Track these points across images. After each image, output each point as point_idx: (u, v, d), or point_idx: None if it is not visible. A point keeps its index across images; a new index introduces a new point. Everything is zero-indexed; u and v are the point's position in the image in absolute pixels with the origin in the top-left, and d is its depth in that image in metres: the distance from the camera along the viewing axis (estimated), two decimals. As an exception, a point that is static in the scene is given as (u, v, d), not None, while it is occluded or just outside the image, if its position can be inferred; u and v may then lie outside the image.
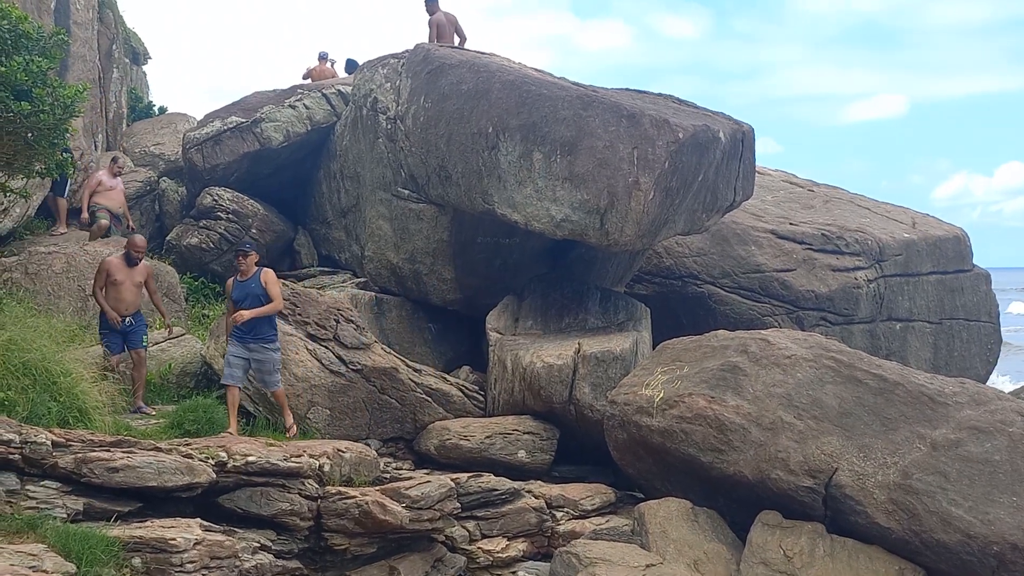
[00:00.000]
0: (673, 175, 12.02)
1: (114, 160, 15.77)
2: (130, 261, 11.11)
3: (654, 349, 11.80)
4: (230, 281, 10.83)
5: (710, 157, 12.57)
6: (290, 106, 17.03)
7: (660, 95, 14.16)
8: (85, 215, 15.03)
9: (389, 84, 15.14)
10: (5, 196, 10.24)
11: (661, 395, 10.21)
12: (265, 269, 10.78)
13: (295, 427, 10.70)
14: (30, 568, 6.35)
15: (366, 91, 15.71)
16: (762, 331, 11.10)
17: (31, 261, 13.17)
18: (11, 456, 7.69)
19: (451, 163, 13.17)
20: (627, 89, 14.09)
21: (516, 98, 12.50)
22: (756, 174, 14.58)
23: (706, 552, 9.38)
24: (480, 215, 13.17)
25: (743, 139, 13.53)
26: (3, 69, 8.47)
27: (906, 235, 17.00)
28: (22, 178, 10.17)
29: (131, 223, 15.77)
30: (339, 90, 17.50)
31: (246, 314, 10.33)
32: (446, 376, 12.85)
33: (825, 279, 15.40)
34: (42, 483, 7.81)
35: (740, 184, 13.76)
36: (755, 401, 9.75)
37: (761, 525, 9.28)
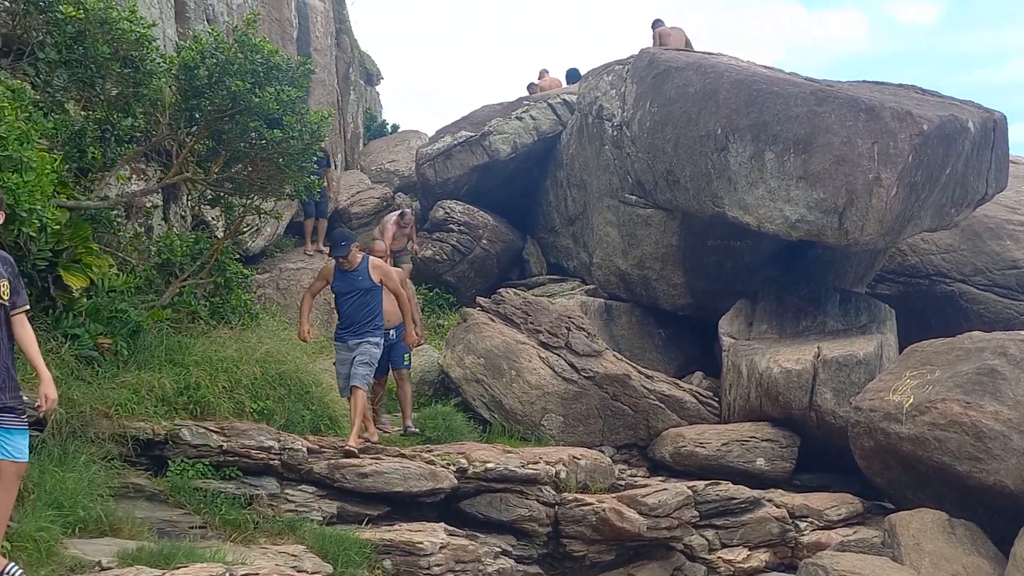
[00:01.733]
0: (917, 169, 11.39)
1: (402, 215, 15.29)
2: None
3: (901, 352, 11.22)
4: (329, 267, 9.67)
5: (958, 148, 11.83)
6: (517, 118, 17.32)
7: (901, 86, 13.48)
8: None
9: (614, 91, 15.15)
10: (259, 217, 10.89)
11: (911, 401, 9.69)
12: (371, 258, 9.68)
13: (355, 443, 8.77)
14: (292, 568, 6.70)
15: (591, 99, 15.78)
16: (1022, 331, 10.35)
17: (282, 277, 13.99)
18: (271, 462, 8.19)
19: (679, 167, 13.02)
20: (864, 81, 13.52)
21: (745, 97, 12.21)
22: (1011, 164, 13.60)
23: (965, 566, 8.83)
24: (710, 218, 12.94)
25: (995, 128, 12.67)
26: (257, 100, 9.02)
27: None
28: (274, 200, 10.80)
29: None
30: (564, 99, 17.66)
31: (413, 337, 9.95)
32: (679, 382, 12.70)
33: (1091, 274, 14.17)
34: (299, 487, 8.26)
35: (992, 175, 12.88)
36: (1016, 406, 9.12)
37: (1027, 539, 8.64)
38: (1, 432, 5.47)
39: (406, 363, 10.43)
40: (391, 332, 10.05)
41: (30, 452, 6.60)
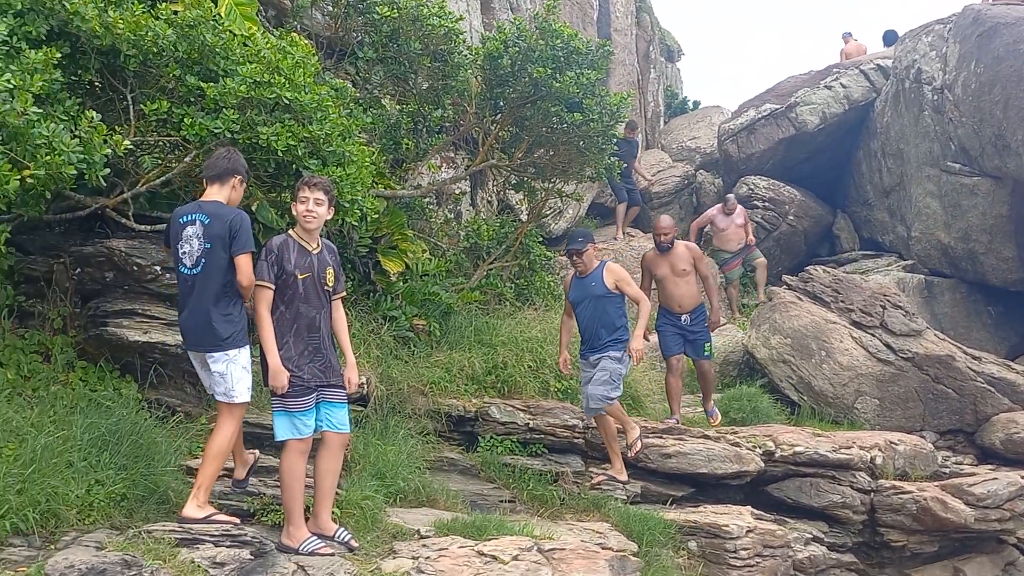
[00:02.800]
0: None
1: (725, 201, 14.73)
2: (660, 248, 9.56)
3: None
4: (568, 278, 8.77)
5: None
6: (826, 87, 16.57)
7: None
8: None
9: (934, 52, 14.11)
10: (561, 200, 11.13)
11: None
12: (609, 263, 8.58)
13: (621, 470, 8.18)
14: (598, 544, 6.79)
15: (908, 62, 14.79)
16: None
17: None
18: (575, 440, 8.36)
19: (1009, 131, 11.94)
20: None
21: (1086, 49, 11.00)
22: None
23: None
24: (1045, 185, 11.78)
25: None
26: (558, 85, 9.20)
27: None
28: (575, 183, 10.98)
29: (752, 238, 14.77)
30: (878, 64, 16.68)
31: (636, 345, 8.22)
32: (1011, 364, 11.65)
33: None
34: (603, 465, 8.36)
35: None
36: None
37: None
38: (326, 406, 5.94)
39: (707, 353, 9.69)
40: (684, 317, 9.50)
41: (355, 426, 7.14)
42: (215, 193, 5.85)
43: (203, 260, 5.66)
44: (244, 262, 5.65)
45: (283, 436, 5.84)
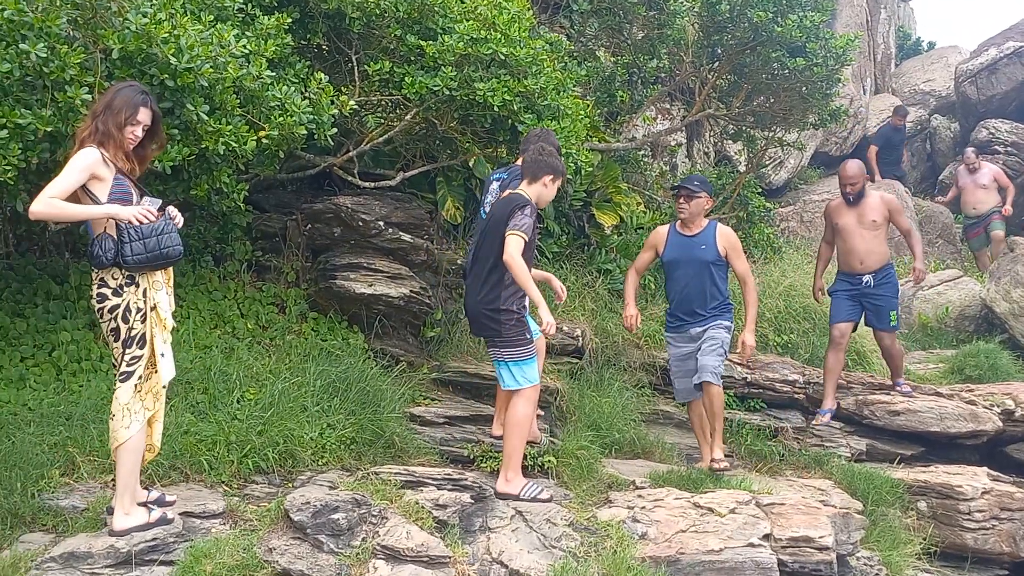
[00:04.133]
0: None
1: (964, 155, 13.64)
2: (846, 199, 8.28)
3: None
4: (661, 230, 7.39)
5: None
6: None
7: None
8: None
9: None
10: (782, 149, 10.77)
11: None
12: (720, 224, 7.33)
13: (721, 458, 6.94)
14: (819, 502, 6.61)
15: None
16: None
17: (806, 209, 13.71)
18: (796, 395, 8.15)
19: None
20: None
21: None
22: None
23: None
24: None
25: None
26: (779, 29, 8.86)
27: None
28: (797, 131, 10.59)
29: (1007, 210, 13.18)
30: None
31: (751, 341, 7.15)
32: None
33: None
34: (828, 423, 8.11)
35: None
36: None
37: None
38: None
39: (894, 324, 8.23)
40: (867, 278, 8.12)
41: (570, 378, 7.25)
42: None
43: None
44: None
45: (522, 384, 5.92)
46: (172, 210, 4.85)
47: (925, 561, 7.03)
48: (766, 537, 5.85)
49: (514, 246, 5.64)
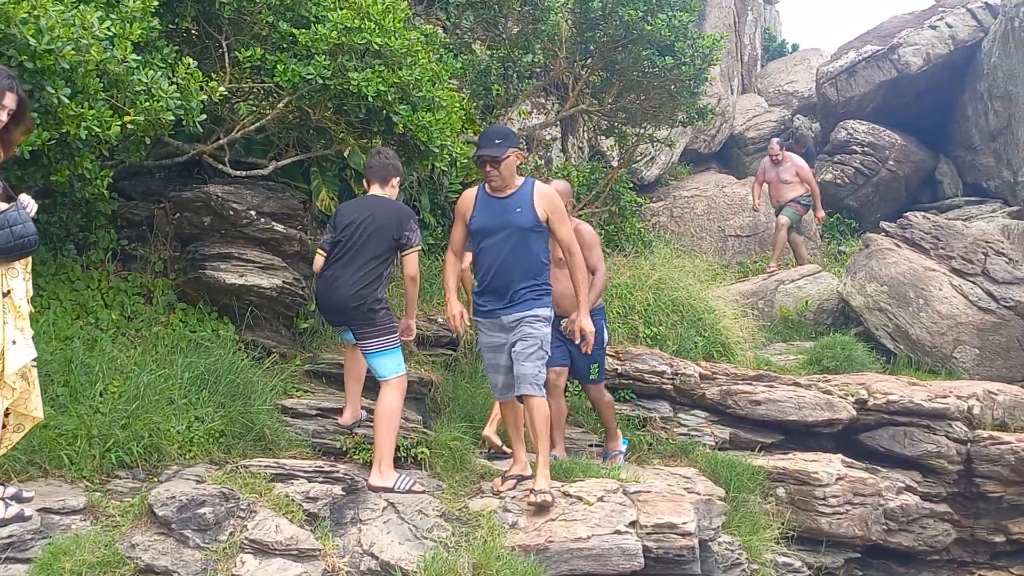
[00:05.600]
0: None
1: (769, 147, 13.53)
2: None
3: None
4: (468, 194, 6.15)
5: None
6: (930, 27, 15.95)
7: None
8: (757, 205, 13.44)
9: (1045, -12, 13.50)
10: (652, 145, 11.03)
11: None
12: (540, 183, 6.09)
13: (547, 486, 5.95)
14: (684, 489, 6.82)
15: (1018, 1, 14.16)
16: None
17: (676, 205, 14.08)
18: (664, 386, 8.37)
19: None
20: None
21: None
22: None
23: None
24: None
25: None
26: (649, 27, 9.07)
27: None
28: (667, 128, 10.86)
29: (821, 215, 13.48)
30: (986, 2, 15.99)
31: (588, 325, 6.01)
32: (1121, 314, 11.23)
33: None
34: (692, 412, 8.39)
35: None
36: None
37: None
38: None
39: (594, 377, 7.25)
40: (564, 323, 6.79)
41: (444, 370, 7.29)
42: None
43: None
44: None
45: (393, 373, 6.01)
46: (24, 198, 4.67)
47: (783, 545, 7.33)
48: (632, 524, 5.98)
49: (417, 264, 6.17)
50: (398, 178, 6.40)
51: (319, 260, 6.24)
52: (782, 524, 7.44)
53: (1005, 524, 8.53)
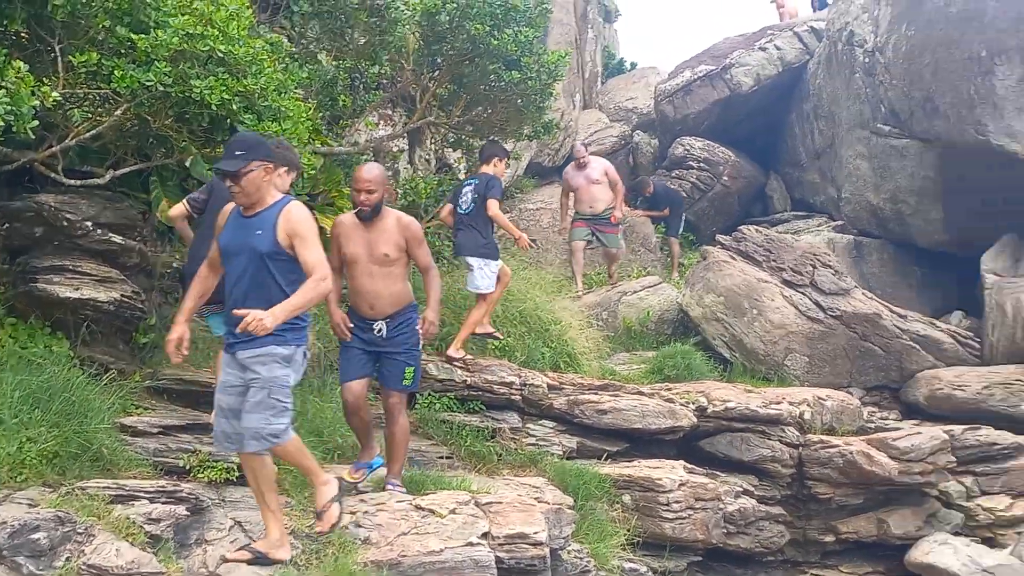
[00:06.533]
0: None
1: (574, 151, 13.10)
2: (360, 214, 6.52)
3: None
4: (228, 209, 5.51)
5: None
6: (760, 48, 16.71)
7: None
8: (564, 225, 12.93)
9: (866, 15, 14.30)
10: (499, 159, 11.12)
11: None
12: (294, 203, 5.36)
13: (279, 542, 5.41)
14: (534, 499, 6.91)
15: (841, 24, 14.98)
16: None
17: (522, 217, 14.25)
18: (513, 397, 8.44)
19: (938, 93, 12.17)
20: None
21: (1015, 15, 11.24)
22: None
23: None
24: (972, 148, 12.03)
25: None
26: (496, 42, 9.16)
27: None
28: (513, 141, 10.98)
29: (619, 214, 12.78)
30: (811, 27, 16.88)
31: (253, 318, 4.92)
32: (935, 322, 11.99)
33: None
34: (540, 422, 8.49)
35: None
36: None
37: None
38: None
39: (407, 382, 6.62)
40: (378, 326, 6.46)
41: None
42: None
43: None
44: None
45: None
46: None
47: (629, 551, 7.51)
48: (484, 536, 6.04)
49: None
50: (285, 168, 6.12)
51: None
52: (628, 530, 7.62)
53: (835, 524, 8.98)
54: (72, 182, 6.65)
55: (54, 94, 5.93)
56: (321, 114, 8.99)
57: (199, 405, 6.71)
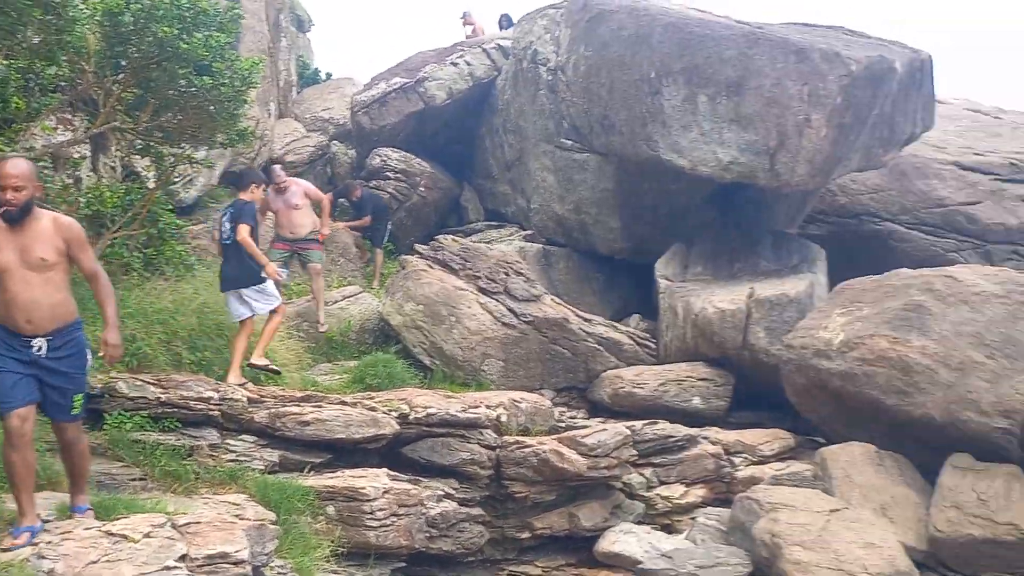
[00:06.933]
0: (846, 110, 11.57)
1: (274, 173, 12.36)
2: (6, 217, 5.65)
3: (831, 291, 11.46)
4: None
5: (886, 89, 12.01)
6: (452, 63, 17.18)
7: (831, 27, 13.60)
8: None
9: (548, 35, 15.10)
10: (191, 166, 10.74)
11: (840, 337, 9.93)
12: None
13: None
14: (235, 516, 6.73)
15: (525, 43, 15.72)
16: (947, 268, 10.63)
17: (217, 227, 13.79)
18: (211, 412, 8.18)
19: (614, 111, 13.06)
20: (793, 23, 13.59)
21: (678, 41, 12.27)
22: (937, 103, 13.83)
23: (893, 496, 9.13)
24: (645, 162, 13.02)
25: (921, 67, 12.86)
26: (185, 46, 8.85)
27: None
28: (206, 149, 10.65)
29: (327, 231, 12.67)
30: (499, 44, 17.55)
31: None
32: (616, 325, 12.85)
33: (1015, 210, 14.48)
34: (240, 437, 8.28)
35: (919, 115, 13.09)
36: (942, 341, 9.35)
37: (952, 468, 8.93)
38: None
39: (76, 411, 5.99)
40: (37, 343, 5.73)
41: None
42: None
43: None
44: None
45: None
46: None
47: (334, 563, 7.50)
48: (183, 558, 5.82)
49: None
50: None
51: None
52: (333, 542, 7.60)
53: (530, 521, 9.41)
54: None
55: None
56: (-10, 116, 8.32)
57: None
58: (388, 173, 16.55)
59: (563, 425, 10.61)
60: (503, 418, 9.61)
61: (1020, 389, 8.80)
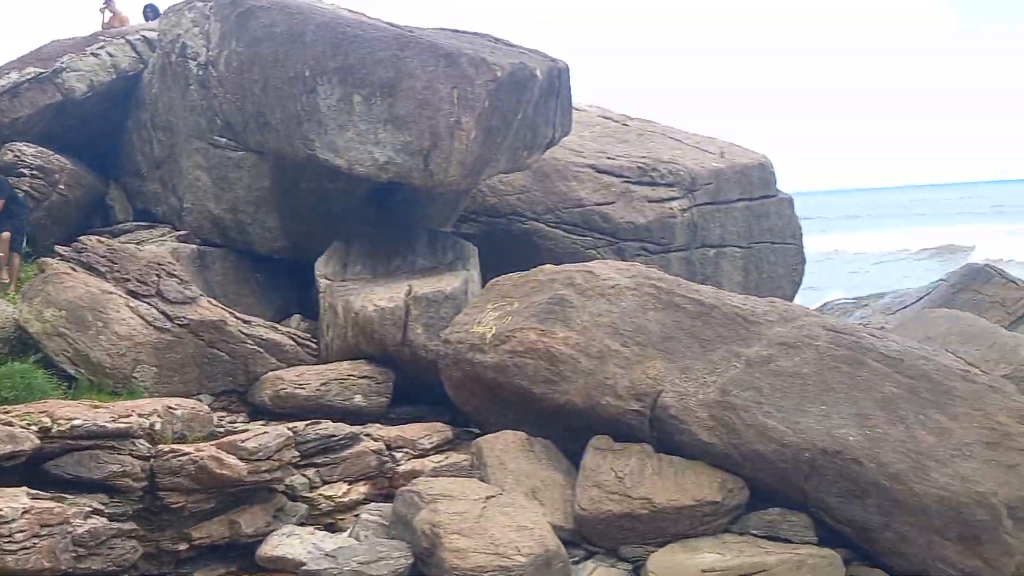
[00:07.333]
0: (493, 114, 12.16)
1: None
2: None
3: (484, 287, 11.99)
4: None
5: (528, 95, 12.75)
6: (92, 54, 16.17)
7: (476, 34, 14.22)
8: None
9: (197, 29, 14.63)
10: None
11: (493, 331, 10.42)
12: None
13: None
14: None
15: (173, 36, 15.12)
16: (587, 263, 11.45)
17: None
18: None
19: (268, 109, 12.92)
20: (443, 29, 14.09)
21: (331, 40, 12.35)
22: (573, 110, 14.86)
23: (543, 480, 9.70)
24: (302, 161, 12.99)
25: (559, 76, 13.76)
26: None
27: (715, 164, 17.66)
28: None
29: None
30: (144, 36, 16.75)
31: None
32: (276, 326, 12.73)
33: (643, 210, 15.93)
34: None
35: (559, 121, 14.01)
36: (583, 331, 10.08)
37: (593, 450, 9.65)
38: None
39: None
40: None
41: None
42: None
43: None
44: None
45: None
46: None
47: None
48: None
49: None
50: None
51: None
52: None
53: (188, 532, 9.10)
54: None
55: None
56: None
57: None
58: (23, 170, 15.29)
59: (223, 430, 10.34)
60: (157, 426, 9.24)
61: (650, 374, 9.69)
